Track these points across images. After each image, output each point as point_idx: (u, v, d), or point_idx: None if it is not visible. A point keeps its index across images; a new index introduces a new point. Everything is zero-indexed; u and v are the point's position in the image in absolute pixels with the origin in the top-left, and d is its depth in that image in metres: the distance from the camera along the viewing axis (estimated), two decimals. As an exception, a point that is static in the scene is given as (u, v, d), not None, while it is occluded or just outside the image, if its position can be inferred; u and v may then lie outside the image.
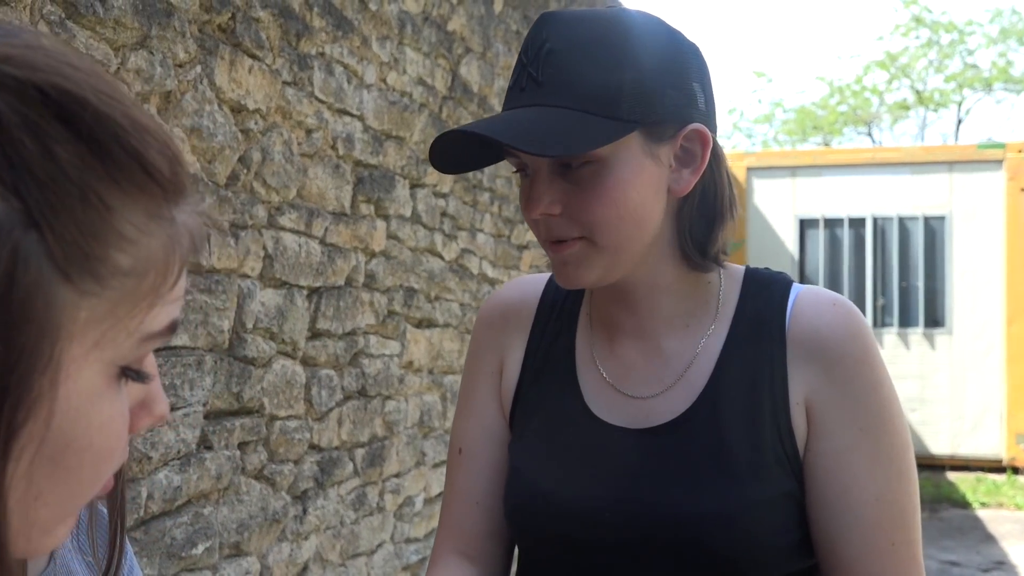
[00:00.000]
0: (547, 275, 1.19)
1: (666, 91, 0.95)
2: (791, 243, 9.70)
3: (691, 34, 1.02)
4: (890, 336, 9.33)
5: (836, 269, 9.60)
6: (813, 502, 0.99)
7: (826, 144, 20.22)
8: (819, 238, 9.65)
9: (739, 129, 21.98)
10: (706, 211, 1.03)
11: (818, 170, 9.68)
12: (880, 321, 9.39)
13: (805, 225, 9.72)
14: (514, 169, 1.02)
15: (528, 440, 1.10)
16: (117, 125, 0.43)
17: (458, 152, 1.01)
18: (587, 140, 0.91)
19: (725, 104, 26.57)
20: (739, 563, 0.96)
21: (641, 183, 0.96)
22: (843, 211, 9.55)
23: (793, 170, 9.77)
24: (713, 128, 1.01)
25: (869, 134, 20.73)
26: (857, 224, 9.56)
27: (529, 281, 1.20)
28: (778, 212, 9.76)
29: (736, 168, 9.86)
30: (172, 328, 0.47)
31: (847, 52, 39.74)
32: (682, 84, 0.96)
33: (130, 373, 0.46)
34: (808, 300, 1.03)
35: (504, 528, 1.13)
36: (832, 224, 9.64)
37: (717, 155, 1.02)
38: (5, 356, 0.40)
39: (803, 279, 9.64)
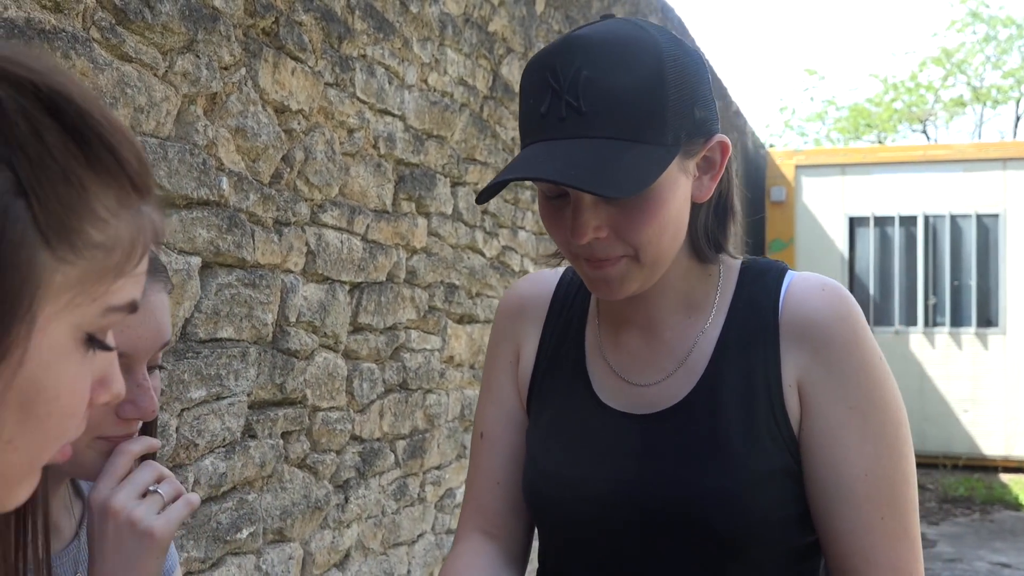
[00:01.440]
0: (561, 270, 1.26)
1: (695, 109, 0.98)
2: (841, 242, 9.61)
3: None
4: (942, 336, 9.20)
5: (887, 268, 9.49)
6: (808, 479, 1.04)
7: (880, 142, 19.92)
8: (869, 237, 9.54)
9: (791, 127, 21.74)
10: (720, 210, 1.10)
11: (868, 168, 9.58)
12: (931, 321, 9.26)
13: (855, 223, 9.62)
14: (549, 194, 1.03)
15: (542, 428, 1.17)
16: (96, 121, 0.51)
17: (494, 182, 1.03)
18: (649, 173, 0.93)
19: (776, 102, 26.26)
20: (739, 538, 1.01)
21: (677, 198, 1.00)
22: (894, 209, 9.44)
23: (843, 168, 9.67)
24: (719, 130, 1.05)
25: (924, 131, 20.38)
26: (908, 222, 9.44)
27: (544, 276, 1.26)
28: (828, 210, 9.67)
29: (785, 166, 9.79)
30: (132, 307, 0.54)
31: (901, 49, 39.16)
32: (703, 98, 1.00)
33: (95, 342, 0.53)
34: (799, 286, 1.07)
35: (524, 507, 1.20)
36: (883, 222, 9.52)
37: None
38: None
39: (853, 278, 9.55)
